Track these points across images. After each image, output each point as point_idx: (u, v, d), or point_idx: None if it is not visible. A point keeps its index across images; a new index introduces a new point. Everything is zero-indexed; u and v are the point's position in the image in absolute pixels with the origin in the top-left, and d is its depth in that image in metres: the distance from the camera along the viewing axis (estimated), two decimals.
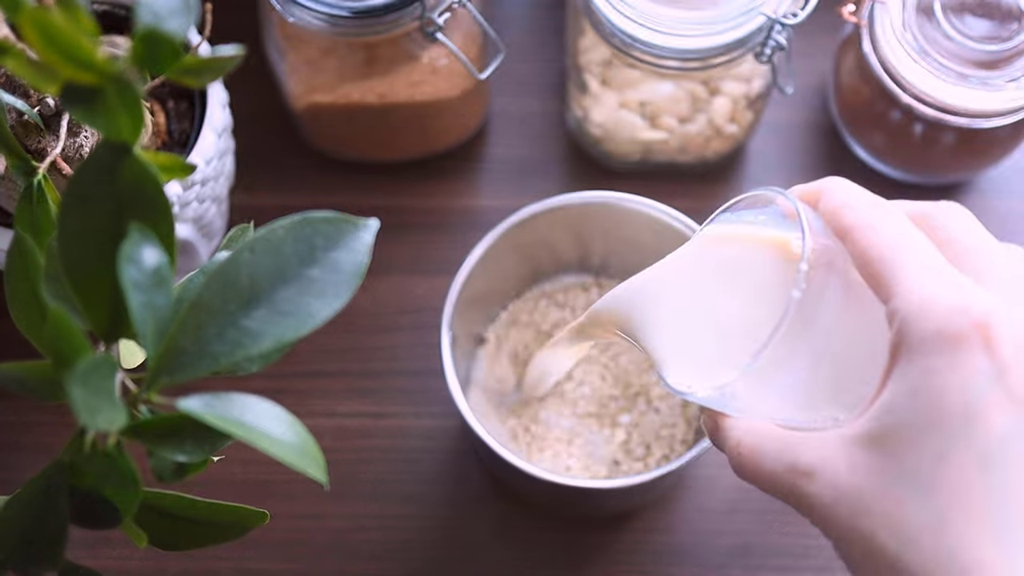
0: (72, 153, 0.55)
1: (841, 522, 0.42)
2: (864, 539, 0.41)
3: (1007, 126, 0.68)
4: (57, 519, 0.38)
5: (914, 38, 0.66)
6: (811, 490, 0.42)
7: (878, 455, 0.41)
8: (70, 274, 0.36)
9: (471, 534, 0.69)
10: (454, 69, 0.69)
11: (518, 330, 0.70)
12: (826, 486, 0.42)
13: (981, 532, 0.39)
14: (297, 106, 0.71)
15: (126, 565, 0.68)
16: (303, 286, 0.35)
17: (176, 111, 0.65)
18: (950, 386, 0.40)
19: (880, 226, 0.43)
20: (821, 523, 0.43)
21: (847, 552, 0.42)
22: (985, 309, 0.40)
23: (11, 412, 0.71)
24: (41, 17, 0.33)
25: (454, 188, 0.76)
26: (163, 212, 0.36)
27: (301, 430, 0.35)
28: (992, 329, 0.40)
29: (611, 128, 0.71)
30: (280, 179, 0.76)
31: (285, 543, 0.69)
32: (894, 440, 0.40)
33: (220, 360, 0.35)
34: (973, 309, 0.40)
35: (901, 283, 0.42)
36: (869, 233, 0.43)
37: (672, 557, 0.69)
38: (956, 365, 0.40)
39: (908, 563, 0.40)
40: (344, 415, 0.71)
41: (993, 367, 0.39)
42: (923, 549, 0.39)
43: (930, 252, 0.43)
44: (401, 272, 0.74)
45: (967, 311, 0.40)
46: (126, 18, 0.65)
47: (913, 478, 0.40)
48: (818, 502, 0.42)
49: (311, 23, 0.65)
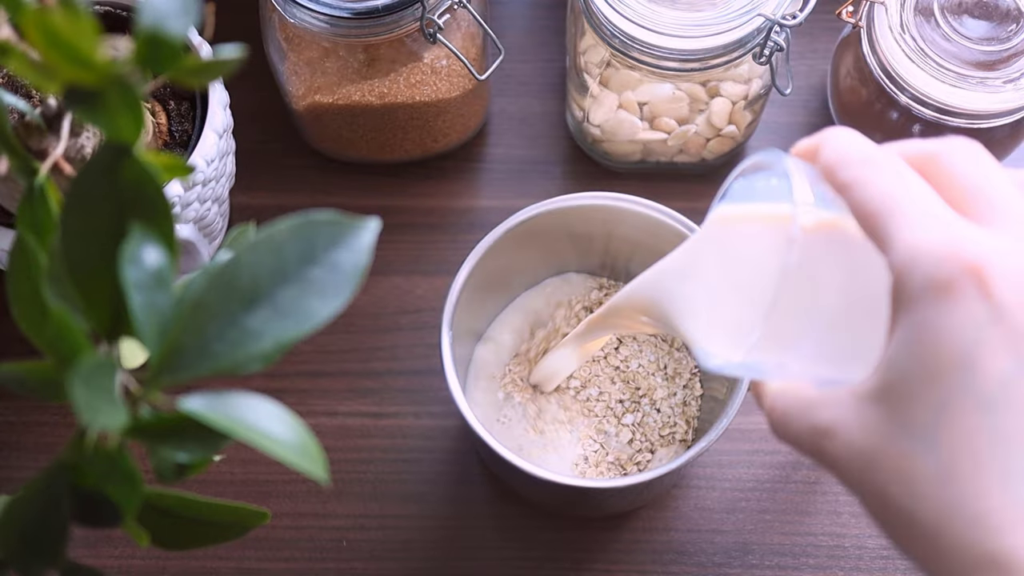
0: (74, 154, 0.55)
1: (856, 478, 0.42)
2: (878, 494, 0.41)
3: (1005, 126, 0.68)
4: (58, 518, 0.38)
5: (913, 39, 0.66)
6: (830, 449, 0.42)
7: (884, 410, 0.40)
8: (72, 274, 0.36)
9: (471, 534, 0.69)
10: (454, 70, 0.69)
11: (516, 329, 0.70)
12: (842, 444, 0.42)
13: (987, 480, 0.38)
14: (298, 107, 0.71)
15: (127, 564, 0.68)
16: (304, 286, 0.35)
17: (177, 112, 0.65)
18: (944, 335, 0.39)
19: (873, 180, 0.42)
20: (842, 481, 0.43)
21: (867, 507, 0.42)
22: (976, 251, 0.38)
23: (12, 412, 0.71)
24: (43, 18, 0.33)
25: (454, 188, 0.76)
26: (164, 212, 0.36)
27: (302, 430, 0.36)
28: (985, 270, 0.38)
29: (610, 129, 0.71)
30: (280, 179, 0.76)
31: (285, 543, 0.69)
32: (897, 394, 0.40)
33: (221, 360, 0.35)
34: (963, 252, 0.38)
35: (894, 235, 0.41)
36: (862, 189, 0.42)
37: (672, 556, 0.69)
38: (949, 312, 0.38)
39: (919, 516, 0.39)
40: (344, 415, 0.71)
41: (988, 310, 0.38)
42: (932, 501, 0.39)
43: (924, 199, 0.41)
44: (401, 272, 0.74)
45: (956, 255, 0.39)
46: (127, 19, 0.65)
47: (917, 431, 0.39)
48: (836, 460, 0.42)
49: (312, 24, 0.65)
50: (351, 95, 0.69)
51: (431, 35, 0.66)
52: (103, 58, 0.34)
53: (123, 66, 0.35)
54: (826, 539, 0.69)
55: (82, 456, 0.37)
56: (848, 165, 0.43)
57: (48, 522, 0.38)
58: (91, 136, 0.56)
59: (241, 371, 0.35)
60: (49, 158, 0.44)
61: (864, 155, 0.43)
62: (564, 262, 0.70)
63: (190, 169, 0.41)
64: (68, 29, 0.33)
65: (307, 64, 0.68)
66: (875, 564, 0.68)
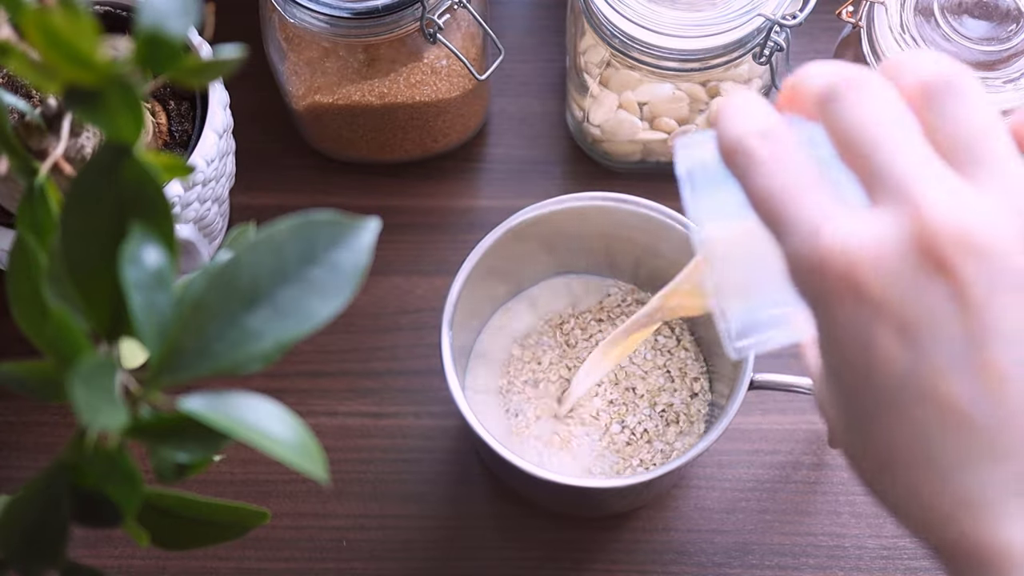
0: (74, 154, 0.55)
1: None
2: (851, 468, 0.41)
3: None
4: (58, 518, 0.38)
5: (913, 39, 0.66)
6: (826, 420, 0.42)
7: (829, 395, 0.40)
8: (72, 274, 0.36)
9: (471, 534, 0.69)
10: (454, 70, 0.69)
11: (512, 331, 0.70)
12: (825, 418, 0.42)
13: (919, 480, 0.37)
14: (298, 107, 0.71)
15: (127, 564, 0.68)
16: (304, 286, 0.35)
17: (177, 112, 0.65)
18: (839, 344, 0.37)
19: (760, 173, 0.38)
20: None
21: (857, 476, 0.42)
22: (845, 257, 0.36)
23: (12, 412, 0.71)
24: (43, 18, 0.33)
25: (454, 188, 0.76)
26: (164, 212, 0.36)
27: (302, 430, 0.36)
28: (855, 275, 0.36)
29: (610, 129, 0.71)
30: (280, 179, 0.76)
31: (285, 543, 0.69)
32: (832, 387, 0.39)
33: (221, 360, 0.35)
34: (832, 262, 0.36)
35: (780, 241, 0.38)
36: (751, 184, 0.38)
37: (672, 556, 0.69)
38: (836, 322, 0.37)
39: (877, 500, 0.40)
40: (344, 415, 0.71)
41: (870, 311, 0.36)
42: (879, 494, 0.39)
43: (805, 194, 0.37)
44: (401, 272, 0.74)
45: (826, 267, 0.36)
46: (127, 19, 0.65)
47: (853, 427, 0.39)
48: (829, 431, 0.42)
49: (312, 24, 0.65)
50: (351, 95, 0.69)
51: (431, 35, 0.66)
52: (103, 58, 0.34)
53: (123, 66, 0.35)
54: (826, 539, 0.69)
55: (82, 456, 0.37)
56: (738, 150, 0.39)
57: (48, 522, 0.38)
58: (91, 136, 0.56)
59: (241, 371, 0.35)
60: (49, 158, 0.44)
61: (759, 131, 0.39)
62: (564, 262, 0.70)
63: (190, 169, 0.41)
64: (68, 29, 0.33)
65: (307, 64, 0.68)
66: (875, 564, 0.68)
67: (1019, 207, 0.35)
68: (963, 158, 0.36)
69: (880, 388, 0.37)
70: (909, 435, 0.37)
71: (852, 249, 0.36)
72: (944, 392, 0.36)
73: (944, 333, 0.35)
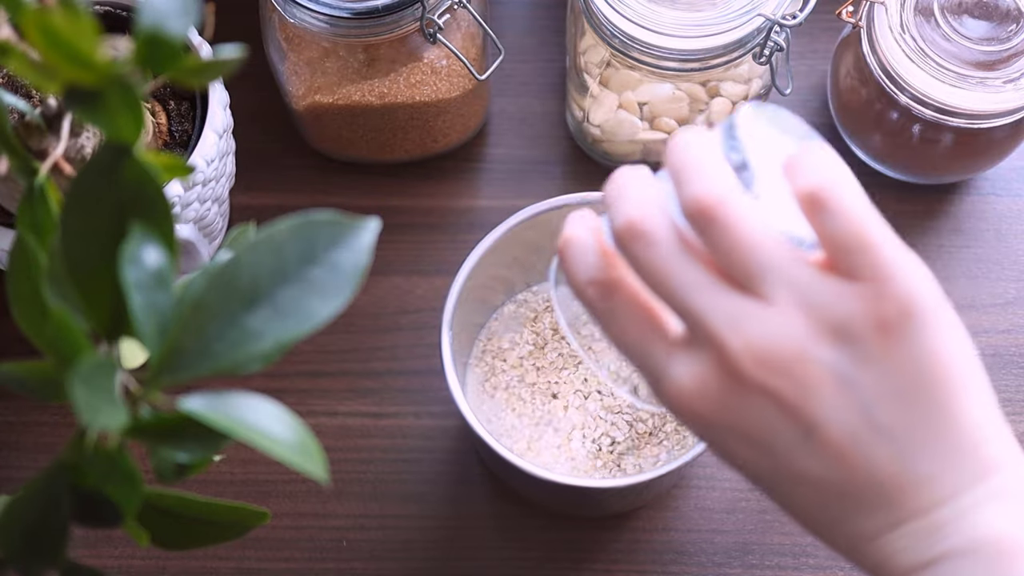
0: (74, 154, 0.55)
1: None
2: None
3: (1005, 126, 0.68)
4: (59, 518, 0.38)
5: (912, 39, 0.66)
6: None
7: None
8: (72, 274, 0.36)
9: (471, 534, 0.69)
10: (454, 70, 0.69)
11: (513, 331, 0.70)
12: None
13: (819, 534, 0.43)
14: (298, 107, 0.71)
15: (127, 564, 0.68)
16: (304, 286, 0.36)
17: (177, 112, 0.65)
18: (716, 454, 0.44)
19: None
20: None
21: None
22: (684, 404, 0.42)
23: (11, 412, 0.71)
24: (43, 18, 0.33)
25: (454, 188, 0.76)
26: (164, 212, 0.36)
27: (302, 430, 0.36)
28: (695, 412, 0.42)
29: (610, 129, 0.71)
30: (280, 179, 0.76)
31: (285, 543, 0.69)
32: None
33: (221, 360, 0.35)
34: (675, 407, 0.42)
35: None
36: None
37: (672, 556, 0.69)
38: (706, 441, 0.44)
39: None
40: (344, 415, 0.71)
41: (720, 436, 0.42)
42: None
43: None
44: (401, 272, 0.74)
45: (672, 409, 0.43)
46: (127, 19, 0.65)
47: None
48: None
49: (312, 24, 0.65)
50: (351, 95, 0.69)
51: (431, 35, 0.66)
52: (103, 58, 0.34)
53: (123, 66, 0.35)
54: None
55: (82, 456, 0.37)
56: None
57: (48, 522, 0.38)
58: (91, 136, 0.56)
59: (241, 371, 0.35)
60: (49, 158, 0.44)
61: (594, 280, 0.44)
62: None
63: (190, 169, 0.41)
64: (68, 29, 0.33)
65: (307, 64, 0.68)
66: None
67: (803, 303, 0.40)
68: (742, 278, 0.41)
69: (756, 480, 0.43)
70: (797, 507, 0.43)
71: (685, 394, 0.42)
72: (807, 474, 0.41)
73: (782, 434, 0.41)
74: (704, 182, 0.41)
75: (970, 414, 0.41)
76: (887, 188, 0.75)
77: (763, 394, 0.40)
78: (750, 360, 0.40)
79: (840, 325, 0.40)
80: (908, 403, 0.40)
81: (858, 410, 0.40)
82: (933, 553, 0.40)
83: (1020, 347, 0.72)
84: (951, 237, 0.75)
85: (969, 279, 0.74)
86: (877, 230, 0.40)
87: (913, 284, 0.40)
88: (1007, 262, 0.74)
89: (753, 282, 0.41)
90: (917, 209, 0.75)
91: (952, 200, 0.76)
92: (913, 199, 0.75)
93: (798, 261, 0.41)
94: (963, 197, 0.76)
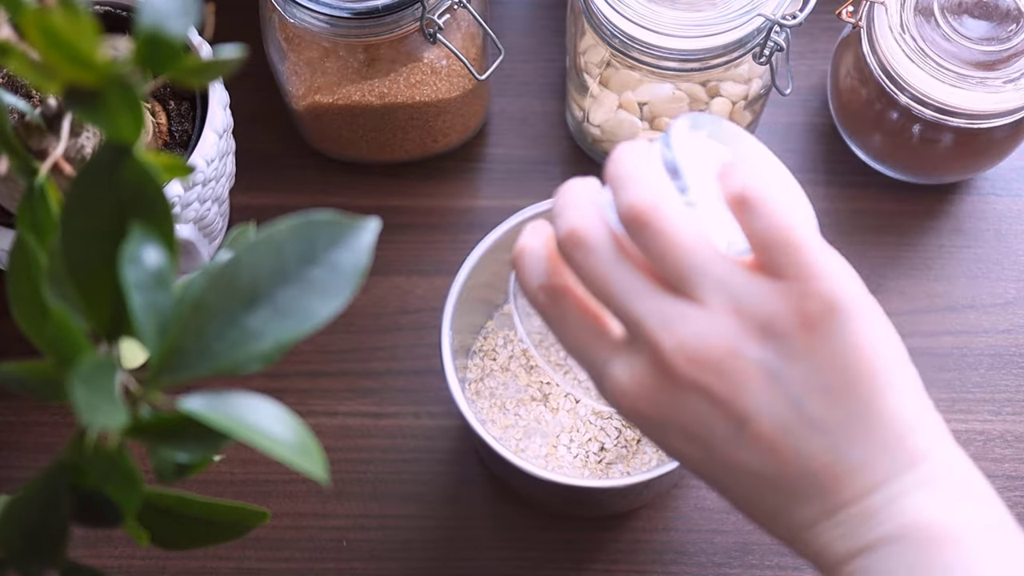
0: (74, 154, 0.55)
1: None
2: None
3: (1005, 126, 0.68)
4: (59, 518, 0.38)
5: (912, 39, 0.66)
6: None
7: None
8: (72, 274, 0.36)
9: (471, 534, 0.69)
10: (454, 70, 0.69)
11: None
12: None
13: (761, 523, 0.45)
14: (298, 107, 0.71)
15: (127, 564, 0.68)
16: (304, 286, 0.36)
17: (177, 112, 0.65)
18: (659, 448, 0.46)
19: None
20: None
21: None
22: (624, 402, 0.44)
23: (11, 412, 0.71)
24: (43, 18, 0.33)
25: (454, 188, 0.76)
26: (164, 212, 0.36)
27: (302, 430, 0.36)
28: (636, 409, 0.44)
29: (610, 129, 0.71)
30: (280, 179, 0.76)
31: (285, 543, 0.69)
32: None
33: (221, 360, 0.35)
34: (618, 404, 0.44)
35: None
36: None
37: (672, 556, 0.69)
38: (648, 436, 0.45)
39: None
40: (344, 415, 0.71)
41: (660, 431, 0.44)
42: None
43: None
44: (401, 272, 0.74)
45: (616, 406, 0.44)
46: (127, 19, 0.65)
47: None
48: None
49: (312, 24, 0.65)
50: (351, 95, 0.69)
51: (431, 35, 0.66)
52: (103, 58, 0.34)
53: (123, 66, 0.35)
54: None
55: (82, 456, 0.37)
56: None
57: (48, 522, 0.38)
58: (91, 136, 0.56)
59: (241, 371, 0.35)
60: (49, 158, 0.44)
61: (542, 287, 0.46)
62: None
63: (190, 169, 0.41)
64: (68, 29, 0.33)
65: (307, 64, 0.68)
66: None
67: (732, 303, 0.42)
68: (675, 281, 0.43)
69: (698, 473, 0.45)
70: (739, 498, 0.45)
71: (627, 392, 0.43)
72: (743, 466, 0.43)
73: (715, 428, 0.43)
74: (638, 189, 0.43)
75: (895, 405, 0.42)
76: (887, 188, 0.75)
77: (696, 390, 0.42)
78: (682, 359, 0.42)
79: (767, 322, 0.41)
80: (835, 396, 0.42)
81: (788, 404, 0.42)
82: (867, 540, 0.42)
83: (1020, 347, 0.72)
84: (951, 237, 0.75)
85: (969, 279, 0.74)
86: (801, 230, 0.42)
87: (835, 281, 0.42)
88: (1007, 262, 0.74)
89: (685, 285, 0.42)
90: (917, 209, 0.75)
91: (952, 200, 0.76)
92: (913, 199, 0.75)
93: (727, 263, 0.42)
94: (963, 197, 0.76)
